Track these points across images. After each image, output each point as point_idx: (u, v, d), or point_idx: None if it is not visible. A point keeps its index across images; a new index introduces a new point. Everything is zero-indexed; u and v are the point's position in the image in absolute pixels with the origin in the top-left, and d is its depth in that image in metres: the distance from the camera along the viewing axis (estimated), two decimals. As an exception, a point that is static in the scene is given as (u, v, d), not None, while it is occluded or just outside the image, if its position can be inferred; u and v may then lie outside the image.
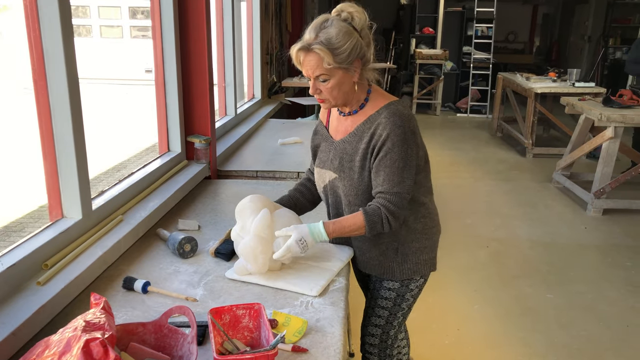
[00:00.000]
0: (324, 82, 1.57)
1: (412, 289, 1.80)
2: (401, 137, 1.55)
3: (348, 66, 1.54)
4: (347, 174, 1.66)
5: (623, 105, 4.65)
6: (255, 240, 1.57)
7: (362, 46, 1.55)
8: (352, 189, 1.66)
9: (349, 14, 1.55)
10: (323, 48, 1.50)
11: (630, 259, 3.83)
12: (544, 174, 5.92)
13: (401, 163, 1.56)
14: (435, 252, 1.81)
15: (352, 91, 1.61)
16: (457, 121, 9.24)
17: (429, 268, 1.79)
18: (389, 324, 1.84)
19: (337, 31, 1.51)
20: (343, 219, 1.62)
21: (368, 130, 1.61)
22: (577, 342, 2.82)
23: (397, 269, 1.74)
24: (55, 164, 1.68)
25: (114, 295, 1.54)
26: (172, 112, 2.56)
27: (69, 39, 1.62)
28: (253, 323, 1.30)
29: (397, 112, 1.58)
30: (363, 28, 1.57)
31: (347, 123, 1.69)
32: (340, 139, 1.69)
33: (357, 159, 1.63)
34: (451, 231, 4.28)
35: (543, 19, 14.18)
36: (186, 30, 2.54)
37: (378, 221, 1.57)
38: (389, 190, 1.57)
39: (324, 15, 1.56)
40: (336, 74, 1.55)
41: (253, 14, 4.63)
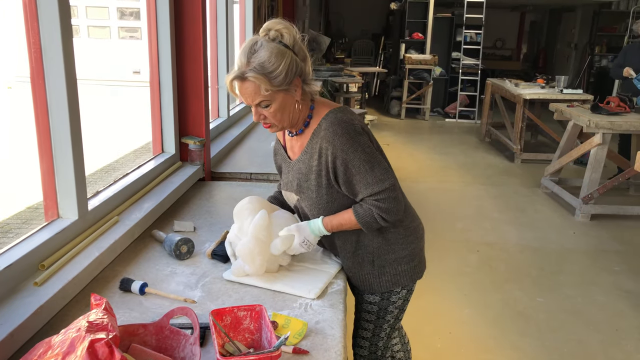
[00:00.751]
0: (266, 107, 1.49)
1: (395, 301, 1.75)
2: (348, 143, 1.50)
3: (287, 87, 1.47)
4: (306, 194, 1.62)
5: (611, 112, 4.72)
6: (253, 242, 1.57)
7: (298, 63, 1.48)
8: (313, 207, 1.63)
9: (277, 31, 1.47)
10: (257, 75, 1.42)
11: (618, 264, 3.87)
12: (533, 179, 5.98)
13: (367, 165, 1.51)
14: (417, 260, 1.74)
15: (297, 111, 1.54)
16: (446, 126, 9.30)
17: (409, 278, 1.72)
18: (375, 336, 1.82)
19: (269, 54, 1.43)
20: (339, 216, 1.60)
21: (316, 145, 1.55)
22: (567, 346, 2.85)
23: (375, 282, 1.70)
24: (52, 163, 1.66)
25: (111, 297, 1.52)
26: (166, 113, 2.55)
27: (67, 37, 1.60)
28: (254, 325, 1.30)
29: (335, 121, 1.52)
30: (295, 43, 1.49)
31: (298, 143, 1.64)
32: (295, 159, 1.65)
33: (312, 178, 1.59)
34: (442, 235, 4.30)
35: (530, 26, 14.36)
36: (181, 31, 2.53)
37: (372, 221, 1.56)
38: (370, 193, 1.52)
39: (252, 38, 1.48)
40: (277, 97, 1.48)
41: (245, 16, 4.63)
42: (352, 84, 7.50)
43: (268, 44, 1.44)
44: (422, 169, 6.27)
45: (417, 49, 10.02)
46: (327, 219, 1.60)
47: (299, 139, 1.63)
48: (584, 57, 11.32)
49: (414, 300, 1.97)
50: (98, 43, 23.09)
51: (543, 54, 13.69)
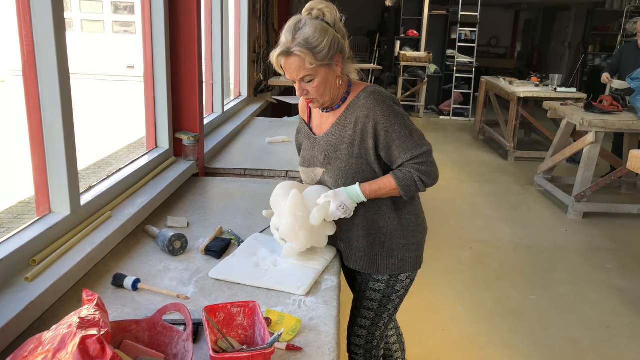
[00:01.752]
0: (309, 82, 1.58)
1: (398, 290, 1.80)
2: (390, 109, 1.59)
3: (330, 62, 1.56)
4: (334, 165, 1.67)
5: (604, 111, 4.74)
6: (291, 220, 1.61)
7: (339, 40, 1.57)
8: (340, 178, 1.67)
9: (320, 10, 1.56)
10: (303, 49, 1.51)
11: (610, 262, 3.90)
12: (526, 177, 6.00)
13: (406, 130, 1.60)
14: (421, 251, 1.81)
15: (337, 86, 1.63)
16: (440, 123, 9.32)
17: (414, 266, 1.79)
18: (374, 325, 1.85)
19: (313, 30, 1.52)
20: (378, 181, 1.64)
21: (351, 116, 1.63)
22: (559, 343, 2.87)
23: (382, 264, 1.75)
24: (44, 158, 1.65)
25: (103, 292, 1.51)
26: (160, 108, 2.53)
27: (60, 31, 1.59)
28: (247, 321, 1.29)
29: (375, 91, 1.62)
30: (336, 22, 1.58)
31: (330, 119, 1.71)
32: (322, 134, 1.71)
33: (343, 147, 1.65)
34: (435, 232, 4.31)
35: (525, 25, 14.40)
36: (176, 25, 2.51)
37: (412, 184, 1.62)
38: (412, 156, 1.60)
39: (296, 17, 1.57)
40: (320, 72, 1.57)
41: (241, 12, 4.61)
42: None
43: (312, 22, 1.53)
44: (416, 166, 6.27)
45: (412, 46, 10.02)
46: (365, 184, 1.64)
47: (332, 115, 1.70)
48: (578, 55, 11.37)
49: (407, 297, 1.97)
50: (92, 37, 22.94)
51: (537, 53, 13.73)
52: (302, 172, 1.82)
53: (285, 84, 5.64)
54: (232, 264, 1.67)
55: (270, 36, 5.77)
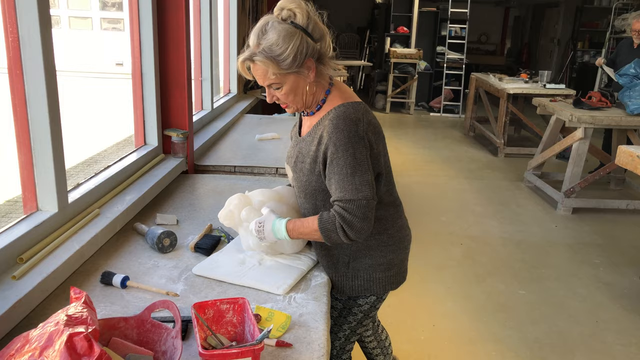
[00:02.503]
0: (278, 89, 1.48)
1: (361, 304, 1.69)
2: (343, 141, 1.42)
3: (298, 69, 1.44)
4: (298, 175, 1.59)
5: (592, 107, 4.77)
6: None
7: (309, 44, 1.43)
8: (300, 190, 1.60)
9: (290, 11, 1.42)
10: (264, 59, 1.40)
11: (599, 257, 3.93)
12: (516, 173, 6.03)
13: (348, 169, 1.42)
14: (395, 270, 1.66)
15: (311, 92, 1.51)
16: (431, 120, 9.34)
17: (382, 287, 1.65)
18: (333, 334, 1.75)
19: (277, 36, 1.39)
20: (304, 220, 1.51)
21: (318, 132, 1.50)
22: (548, 338, 2.89)
23: (347, 285, 1.64)
24: (31, 155, 1.63)
25: (91, 290, 1.50)
26: (149, 105, 2.52)
27: (46, 26, 1.57)
28: (237, 318, 1.29)
29: (342, 115, 1.45)
30: (310, 22, 1.44)
31: (308, 122, 1.61)
32: (303, 136, 1.61)
33: (307, 161, 1.54)
34: (426, 229, 4.33)
35: (514, 22, 14.45)
36: (164, 21, 2.49)
37: (332, 229, 1.44)
38: (342, 198, 1.43)
39: (265, 17, 1.45)
40: (287, 79, 1.45)
41: (230, 8, 4.59)
42: (337, 77, 7.48)
43: (278, 25, 1.41)
44: (406, 162, 6.29)
45: (402, 43, 10.03)
46: (292, 221, 1.52)
47: (309, 120, 1.59)
48: (567, 52, 11.43)
49: (398, 293, 1.97)
50: (79, 34, 22.75)
51: (526, 49, 13.79)
52: (286, 167, 1.73)
53: (275, 80, 5.62)
54: (217, 261, 1.67)
55: (260, 33, 5.75)
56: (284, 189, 1.74)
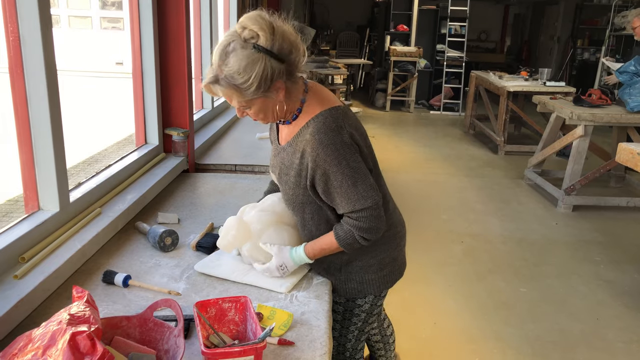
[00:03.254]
0: (247, 109, 1.41)
1: (361, 305, 1.68)
2: (333, 155, 1.38)
3: (264, 94, 1.35)
4: (284, 188, 1.55)
5: (593, 105, 4.77)
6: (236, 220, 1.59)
7: (275, 68, 1.32)
8: (289, 202, 1.57)
9: (251, 32, 1.30)
10: (226, 87, 1.33)
11: (599, 254, 3.93)
12: (516, 171, 6.03)
13: (350, 180, 1.40)
14: (388, 269, 1.65)
15: (282, 109, 1.44)
16: (431, 118, 9.34)
17: (376, 288, 1.65)
18: (342, 336, 1.76)
19: (238, 65, 1.29)
20: (321, 241, 1.52)
21: (300, 144, 1.44)
22: (549, 335, 2.89)
23: (341, 288, 1.64)
24: (32, 154, 1.63)
25: (93, 289, 1.50)
26: (149, 104, 2.52)
27: (47, 25, 1.57)
28: (239, 316, 1.29)
29: (322, 128, 1.40)
30: (275, 41, 1.31)
31: (286, 130, 1.54)
32: (282, 145, 1.55)
33: (292, 174, 1.49)
34: (426, 227, 4.33)
35: (514, 19, 14.43)
36: (164, 20, 2.49)
37: (353, 242, 1.46)
38: (352, 210, 1.43)
39: (228, 34, 1.34)
40: (255, 102, 1.38)
41: (230, 6, 4.59)
42: (337, 76, 7.49)
43: (240, 50, 1.29)
44: (406, 161, 6.29)
45: (402, 41, 10.02)
46: (309, 245, 1.53)
47: (287, 128, 1.53)
48: (567, 49, 11.42)
49: (399, 291, 1.99)
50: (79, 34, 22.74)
51: (526, 47, 13.78)
52: (271, 173, 1.68)
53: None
54: (219, 259, 1.67)
55: (260, 31, 5.74)
56: (279, 202, 1.65)
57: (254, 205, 1.66)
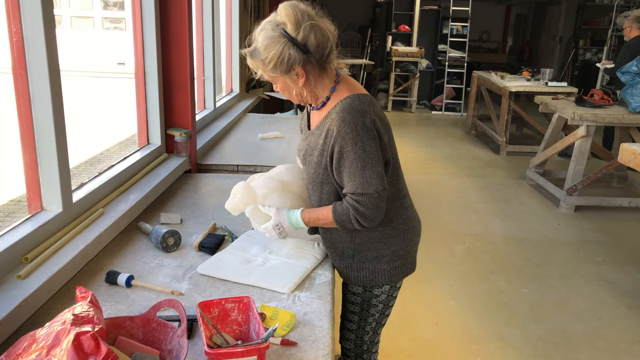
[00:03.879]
0: (275, 84, 1.56)
1: (378, 295, 1.72)
2: (352, 134, 1.45)
3: (284, 74, 1.48)
4: (307, 168, 1.64)
5: (595, 105, 4.77)
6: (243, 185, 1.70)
7: (292, 56, 1.43)
8: (309, 181, 1.64)
9: (282, 19, 1.45)
10: (252, 60, 1.49)
11: (601, 255, 3.93)
12: (518, 171, 6.03)
13: (359, 163, 1.46)
14: (401, 262, 1.69)
15: (308, 91, 1.55)
16: (432, 118, 9.33)
17: (388, 278, 1.68)
18: (361, 328, 1.79)
19: (262, 42, 1.44)
20: (318, 211, 1.59)
21: (325, 125, 1.53)
22: (551, 336, 2.89)
23: (353, 275, 1.69)
24: (35, 155, 1.64)
25: (97, 290, 1.50)
26: (152, 104, 2.52)
27: (50, 26, 1.57)
28: (242, 316, 1.29)
29: (348, 107, 1.48)
30: (301, 32, 1.43)
31: (316, 117, 1.63)
32: (311, 130, 1.65)
33: (315, 154, 1.58)
34: (428, 227, 4.30)
35: (516, 19, 14.42)
36: (167, 21, 2.50)
37: (347, 220, 1.53)
38: (355, 191, 1.49)
39: (270, 17, 1.49)
40: (277, 80, 1.52)
41: (232, 7, 4.59)
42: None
43: (270, 31, 1.44)
44: (408, 161, 6.29)
45: (404, 41, 10.02)
46: (306, 212, 1.60)
47: (317, 114, 1.62)
48: (569, 50, 11.41)
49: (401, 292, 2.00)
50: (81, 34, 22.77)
51: (528, 47, 13.76)
52: (297, 159, 1.78)
53: (277, 79, 5.63)
54: (221, 260, 1.68)
55: (262, 32, 5.75)
56: (287, 172, 1.74)
57: (262, 174, 1.75)
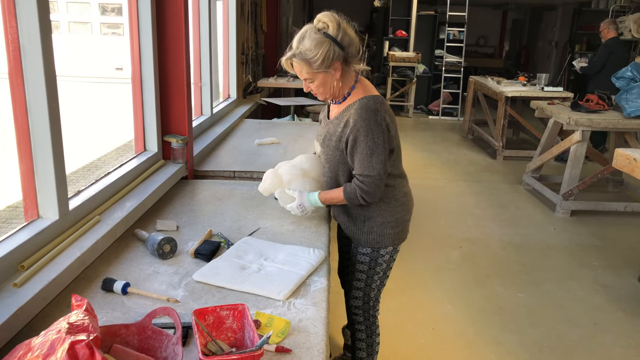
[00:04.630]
0: (311, 82, 1.89)
1: (383, 255, 2.07)
2: (365, 128, 1.83)
3: (326, 70, 1.83)
4: (325, 150, 1.98)
5: (590, 110, 4.79)
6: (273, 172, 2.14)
7: (336, 51, 1.80)
8: (327, 161, 2.00)
9: (324, 23, 1.81)
10: (299, 61, 1.82)
11: (597, 259, 3.94)
12: (514, 175, 6.05)
13: (368, 151, 1.84)
14: (401, 227, 2.07)
15: (337, 87, 1.90)
16: (429, 123, 9.36)
17: (391, 241, 2.05)
18: (368, 286, 2.13)
19: (310, 44, 1.79)
20: (332, 192, 1.99)
21: (345, 117, 1.90)
22: (547, 340, 2.90)
23: (363, 238, 2.04)
24: (32, 163, 1.64)
25: (93, 297, 1.51)
26: (148, 111, 2.53)
27: (46, 33, 1.58)
28: (237, 324, 1.30)
29: (364, 106, 1.85)
30: (340, 32, 1.81)
31: (335, 109, 2.00)
32: (331, 119, 2.00)
33: (334, 139, 1.93)
34: (425, 231, 4.34)
35: (512, 24, 14.49)
36: (163, 27, 2.51)
37: (354, 198, 1.91)
38: (362, 173, 1.87)
39: (306, 26, 1.84)
40: (317, 76, 1.86)
41: (229, 13, 4.61)
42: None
43: (313, 35, 1.80)
44: (405, 165, 6.24)
45: (401, 46, 10.05)
46: (322, 193, 2.00)
47: (337, 107, 1.99)
48: (565, 55, 11.46)
49: (397, 296, 2.04)
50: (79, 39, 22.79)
51: (525, 52, 13.82)
52: (315, 142, 2.13)
53: (274, 85, 5.65)
54: (217, 267, 1.68)
55: (259, 38, 5.78)
56: (307, 161, 2.14)
57: (287, 162, 2.17)
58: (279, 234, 2.03)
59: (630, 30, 8.33)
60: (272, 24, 6.34)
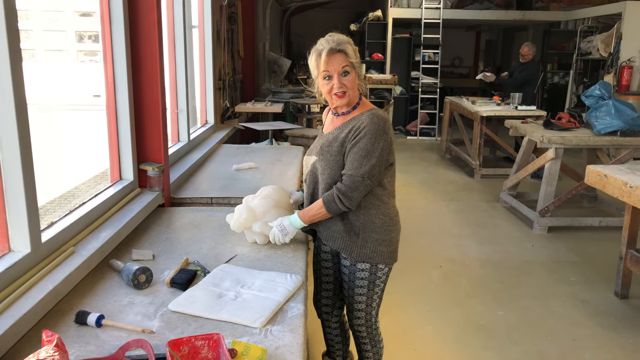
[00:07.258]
0: (346, 75, 1.96)
1: (380, 276, 2.11)
2: (372, 131, 1.91)
3: (358, 68, 1.99)
4: (325, 156, 2.02)
5: (562, 128, 4.91)
6: (245, 208, 2.13)
7: (359, 59, 2.02)
8: (326, 167, 2.01)
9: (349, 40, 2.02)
10: (352, 47, 1.96)
11: (574, 275, 4.00)
12: (492, 193, 6.13)
13: (364, 152, 1.91)
14: (394, 247, 2.10)
15: (356, 91, 2.02)
16: (408, 144, 9.46)
17: (388, 260, 2.08)
18: (368, 306, 2.16)
19: (352, 46, 1.98)
20: (310, 206, 2.03)
21: (351, 124, 1.99)
22: (528, 357, 2.91)
23: (356, 250, 2.05)
24: (2, 195, 1.63)
25: (65, 331, 1.49)
26: (123, 139, 2.52)
27: (16, 63, 1.58)
28: (212, 354, 1.29)
29: (377, 115, 1.97)
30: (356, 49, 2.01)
31: (337, 121, 2.07)
32: (327, 132, 2.07)
33: (335, 145, 1.99)
34: (405, 252, 4.33)
35: (486, 45, 14.80)
36: (138, 55, 2.52)
37: (331, 200, 1.95)
38: (346, 172, 1.93)
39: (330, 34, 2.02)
40: (353, 71, 1.98)
41: (205, 40, 4.64)
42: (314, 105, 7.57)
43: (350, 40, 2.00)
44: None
45: (378, 68, 10.20)
46: (301, 212, 2.04)
47: (340, 119, 2.06)
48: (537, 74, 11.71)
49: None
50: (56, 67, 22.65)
51: (499, 72, 14.09)
52: (304, 161, 2.19)
53: (252, 110, 5.68)
54: (193, 296, 1.67)
55: (236, 63, 5.82)
56: (274, 192, 2.21)
57: (255, 195, 2.23)
58: (256, 260, 2.02)
59: (598, 50, 8.57)
60: (249, 49, 6.38)
